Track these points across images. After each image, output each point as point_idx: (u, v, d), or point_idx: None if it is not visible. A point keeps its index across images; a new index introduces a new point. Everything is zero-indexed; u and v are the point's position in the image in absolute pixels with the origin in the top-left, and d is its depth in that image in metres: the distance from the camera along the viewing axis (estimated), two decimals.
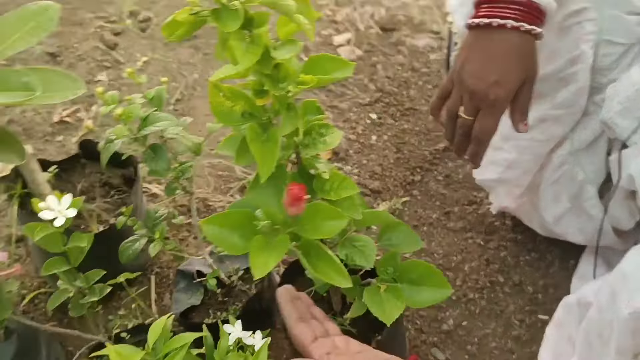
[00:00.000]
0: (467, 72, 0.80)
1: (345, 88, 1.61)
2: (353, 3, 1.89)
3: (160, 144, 0.85)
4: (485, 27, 0.77)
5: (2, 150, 0.74)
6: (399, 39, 1.74)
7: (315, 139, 0.74)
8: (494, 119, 0.80)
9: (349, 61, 0.68)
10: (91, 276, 0.84)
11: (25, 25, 0.74)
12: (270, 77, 0.64)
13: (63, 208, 0.74)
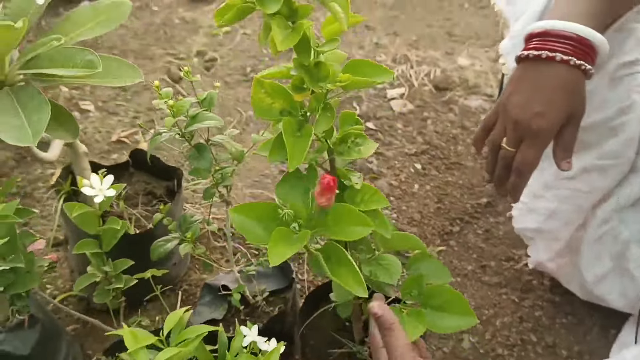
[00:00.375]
0: (512, 102, 0.80)
1: (393, 138, 1.62)
2: (410, 61, 1.94)
3: (205, 144, 0.87)
4: (534, 59, 0.77)
5: (58, 126, 0.79)
6: (451, 98, 1.76)
7: (350, 147, 0.75)
8: (536, 150, 0.79)
9: (389, 69, 0.70)
10: (119, 264, 0.86)
11: (98, 17, 0.81)
12: (310, 73, 0.66)
13: (104, 188, 0.76)
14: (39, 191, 1.59)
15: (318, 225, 0.69)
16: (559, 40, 0.76)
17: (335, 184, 0.64)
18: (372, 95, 1.81)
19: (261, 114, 0.70)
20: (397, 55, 1.99)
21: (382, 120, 1.70)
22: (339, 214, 0.69)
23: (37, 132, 0.66)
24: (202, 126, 0.82)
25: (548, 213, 1.03)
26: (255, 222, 0.69)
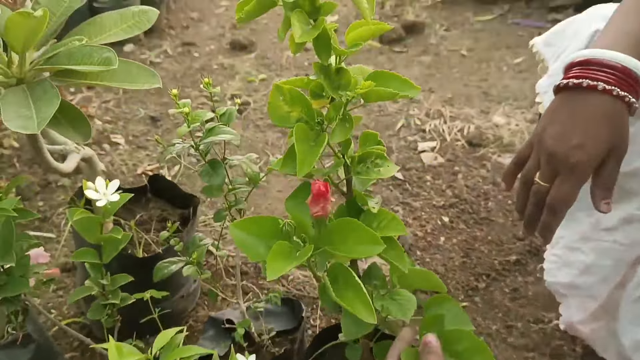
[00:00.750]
0: (548, 133, 0.74)
1: (422, 189, 1.57)
2: (443, 117, 1.91)
3: (219, 161, 0.84)
4: (573, 87, 0.72)
5: (71, 128, 0.77)
6: (484, 155, 1.71)
7: (369, 168, 0.70)
8: (572, 186, 0.73)
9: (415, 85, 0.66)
10: (118, 279, 0.81)
11: (124, 23, 0.80)
12: (331, 79, 0.63)
13: (109, 193, 0.73)
14: (58, 217, 1.58)
15: (324, 243, 0.64)
16: (602, 69, 0.71)
17: (328, 190, 0.59)
18: (402, 146, 1.78)
19: (278, 122, 0.67)
20: (430, 110, 1.96)
21: (411, 171, 1.65)
22: (346, 230, 0.63)
23: (42, 121, 0.64)
24: (218, 139, 0.79)
25: (583, 267, 0.94)
26: (256, 238, 0.65)
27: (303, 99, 0.66)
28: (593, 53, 0.73)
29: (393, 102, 2.05)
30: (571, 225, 0.98)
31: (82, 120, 0.77)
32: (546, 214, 0.76)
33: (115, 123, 2.04)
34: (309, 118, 0.66)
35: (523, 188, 0.80)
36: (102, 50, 0.70)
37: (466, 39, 2.54)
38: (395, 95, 0.64)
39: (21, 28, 0.66)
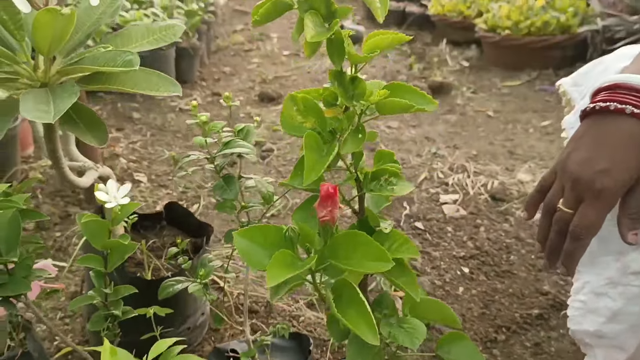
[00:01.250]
0: (572, 159, 0.71)
1: (442, 240, 1.53)
2: (467, 171, 1.89)
3: (233, 176, 0.83)
4: (600, 111, 0.70)
5: (88, 131, 0.77)
6: (507, 209, 1.67)
7: (382, 186, 0.68)
8: (598, 212, 0.69)
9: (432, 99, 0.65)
10: (122, 290, 0.79)
11: (151, 36, 0.81)
12: (345, 88, 0.63)
13: (119, 196, 0.72)
14: (74, 247, 1.57)
15: (329, 256, 0.61)
16: (631, 92, 0.69)
17: (336, 193, 0.57)
18: (424, 198, 1.75)
19: (290, 131, 0.66)
20: (454, 165, 1.95)
21: (431, 222, 1.62)
22: (353, 244, 0.61)
23: (57, 113, 0.64)
24: (233, 151, 0.79)
25: (610, 314, 0.89)
26: (260, 248, 0.62)
27: (317, 109, 0.65)
28: (621, 77, 0.71)
29: (417, 156, 2.04)
30: (597, 270, 0.93)
31: (99, 125, 0.77)
32: (569, 242, 0.72)
33: (139, 162, 2.06)
34: (321, 128, 0.65)
35: (545, 216, 0.77)
36: (125, 54, 0.71)
37: (493, 101, 2.56)
38: (410, 108, 0.62)
39: (49, 27, 0.67)
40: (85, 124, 0.77)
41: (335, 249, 0.61)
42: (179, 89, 0.77)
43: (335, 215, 0.58)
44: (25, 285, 0.72)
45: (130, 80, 0.76)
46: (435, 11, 3.53)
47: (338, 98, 0.63)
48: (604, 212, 0.69)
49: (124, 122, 2.44)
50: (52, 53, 0.73)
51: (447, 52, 3.29)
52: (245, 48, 3.62)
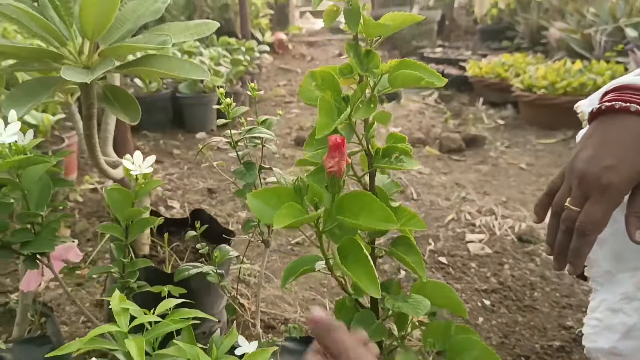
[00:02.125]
0: (580, 158, 0.73)
1: (465, 274, 1.52)
2: (495, 214, 1.88)
3: (254, 163, 0.87)
4: (606, 111, 0.72)
5: (121, 109, 0.83)
6: (534, 251, 1.64)
7: (392, 161, 0.71)
8: (604, 208, 0.70)
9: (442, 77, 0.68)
10: (139, 262, 0.82)
11: (189, 31, 0.88)
12: (361, 60, 0.67)
13: (144, 166, 0.77)
14: (104, 262, 1.62)
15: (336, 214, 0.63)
16: (636, 92, 0.71)
17: (344, 143, 0.59)
18: (449, 236, 1.75)
19: (307, 101, 0.70)
20: (483, 208, 1.94)
21: (455, 257, 1.61)
22: (360, 203, 0.63)
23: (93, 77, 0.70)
24: (255, 135, 0.83)
25: (625, 330, 0.87)
26: (271, 208, 0.65)
27: (334, 81, 0.69)
28: (628, 79, 0.73)
29: (446, 199, 2.05)
30: (613, 288, 0.92)
31: (133, 104, 0.83)
32: (575, 239, 0.73)
33: (174, 191, 2.13)
34: (336, 99, 0.69)
35: (554, 216, 0.78)
36: (160, 36, 0.78)
37: (527, 155, 2.56)
38: (420, 80, 0.66)
39: (94, 7, 0.75)
40: (120, 103, 0.83)
41: (343, 208, 0.63)
42: (207, 75, 0.83)
43: (343, 167, 0.60)
44: (50, 245, 0.76)
45: (164, 65, 0.82)
46: (473, 73, 3.60)
47: (353, 70, 0.67)
48: (610, 207, 0.70)
49: (164, 157, 2.54)
50: (96, 36, 0.80)
51: (483, 111, 3.33)
52: (286, 100, 3.74)
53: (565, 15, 4.35)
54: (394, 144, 0.72)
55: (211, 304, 1.14)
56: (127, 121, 0.82)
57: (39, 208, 0.74)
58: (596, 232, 0.71)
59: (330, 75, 0.69)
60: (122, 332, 0.61)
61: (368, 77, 0.67)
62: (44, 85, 0.76)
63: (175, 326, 0.63)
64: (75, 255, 0.99)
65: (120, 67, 0.84)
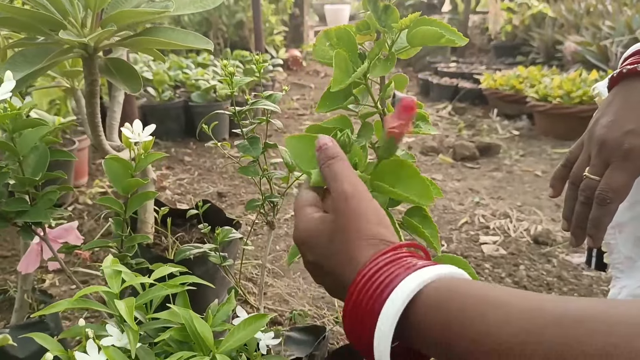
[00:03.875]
0: (600, 124, 0.69)
1: (479, 275, 1.47)
2: (510, 217, 1.83)
3: (258, 137, 0.85)
4: (627, 74, 0.69)
5: (122, 80, 0.81)
6: (550, 252, 1.59)
7: None
8: (625, 175, 0.66)
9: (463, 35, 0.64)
10: (137, 237, 0.80)
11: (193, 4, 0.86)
12: (378, 16, 0.64)
13: (144, 135, 0.75)
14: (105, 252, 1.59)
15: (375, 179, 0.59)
16: None
17: (415, 107, 0.54)
18: (463, 238, 1.70)
19: (321, 59, 0.67)
20: (497, 212, 1.90)
21: (469, 258, 1.56)
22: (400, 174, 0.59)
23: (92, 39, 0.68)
24: (259, 106, 0.81)
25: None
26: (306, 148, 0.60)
27: (349, 38, 0.66)
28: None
29: (459, 204, 2.00)
30: (635, 274, 0.87)
31: (134, 76, 0.81)
32: (595, 208, 0.69)
33: (184, 195, 2.11)
34: (352, 58, 0.66)
35: (572, 188, 0.74)
36: (163, 2, 0.76)
37: (542, 164, 2.51)
38: (440, 37, 0.62)
39: None
40: (121, 75, 0.82)
41: (382, 174, 0.59)
42: (211, 45, 0.81)
43: (404, 132, 0.55)
44: (45, 215, 0.74)
45: (168, 35, 0.80)
46: (487, 85, 3.57)
47: (370, 26, 0.65)
48: (633, 174, 0.66)
49: (175, 164, 2.53)
50: (99, 5, 0.79)
51: (497, 122, 3.30)
52: (299, 112, 3.74)
53: (580, 30, 4.32)
54: None
55: (215, 294, 1.11)
56: (128, 91, 0.80)
57: (37, 173, 0.72)
58: (618, 200, 0.68)
59: (346, 32, 0.66)
60: (113, 293, 0.58)
61: (386, 34, 0.64)
62: (43, 52, 0.75)
63: (169, 290, 0.60)
64: (76, 237, 0.96)
65: (124, 40, 0.83)
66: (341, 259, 0.45)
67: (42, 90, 2.05)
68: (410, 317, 0.40)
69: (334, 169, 0.49)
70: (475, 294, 0.39)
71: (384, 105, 0.68)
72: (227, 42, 5.43)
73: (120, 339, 0.55)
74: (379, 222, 0.46)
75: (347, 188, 0.47)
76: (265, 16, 5.32)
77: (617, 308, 0.33)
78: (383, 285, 0.41)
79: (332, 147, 0.51)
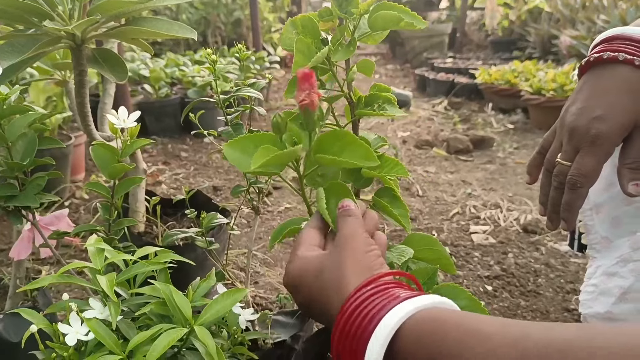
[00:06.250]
0: (569, 112, 0.72)
1: (468, 263, 1.49)
2: (501, 207, 1.86)
3: (242, 123, 0.87)
4: (594, 62, 0.71)
5: (108, 68, 0.83)
6: (539, 241, 1.62)
7: (374, 109, 0.70)
8: (594, 159, 0.68)
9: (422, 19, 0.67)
10: (124, 222, 0.82)
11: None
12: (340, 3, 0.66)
13: (129, 121, 0.77)
14: None
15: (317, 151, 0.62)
16: (625, 42, 0.70)
17: (313, 75, 0.57)
18: (453, 228, 1.72)
19: (288, 47, 0.70)
20: (489, 202, 1.92)
21: (459, 247, 1.58)
22: (339, 142, 0.62)
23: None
24: (242, 94, 0.83)
25: (620, 293, 0.84)
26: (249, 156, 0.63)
27: (314, 27, 0.69)
28: (618, 30, 0.72)
29: (451, 195, 2.02)
30: (611, 253, 0.90)
31: (120, 65, 0.84)
32: (567, 192, 0.71)
33: (179, 189, 2.14)
34: (316, 44, 0.68)
35: (545, 174, 0.76)
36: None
37: None
38: (399, 20, 0.65)
39: None
40: (108, 65, 0.84)
41: (323, 148, 0.62)
42: (194, 34, 0.83)
43: (315, 100, 0.58)
44: (34, 200, 0.76)
45: (154, 25, 0.83)
46: (482, 79, 3.59)
47: (332, 13, 0.67)
48: (601, 158, 0.68)
49: (172, 160, 2.55)
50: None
51: (492, 116, 3.32)
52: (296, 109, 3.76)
53: (576, 24, 4.34)
54: (378, 93, 0.71)
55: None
56: (114, 80, 0.83)
57: (26, 157, 0.74)
58: (588, 184, 0.70)
59: (310, 20, 0.68)
60: (96, 269, 0.61)
61: (347, 20, 0.66)
62: (31, 42, 0.77)
63: (150, 267, 0.63)
64: (67, 225, 0.99)
65: (110, 30, 0.85)
66: (328, 292, 0.49)
67: (39, 87, 2.07)
68: (394, 350, 0.42)
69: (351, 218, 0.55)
70: (458, 326, 0.40)
71: (351, 88, 0.70)
72: (225, 40, 5.46)
73: (102, 312, 0.58)
74: (367, 253, 0.51)
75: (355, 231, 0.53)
76: (263, 14, 5.34)
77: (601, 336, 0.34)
78: (368, 318, 0.44)
79: (355, 209, 0.57)
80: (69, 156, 2.06)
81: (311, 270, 0.52)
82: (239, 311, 0.67)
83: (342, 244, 0.52)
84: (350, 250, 0.51)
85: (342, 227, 0.54)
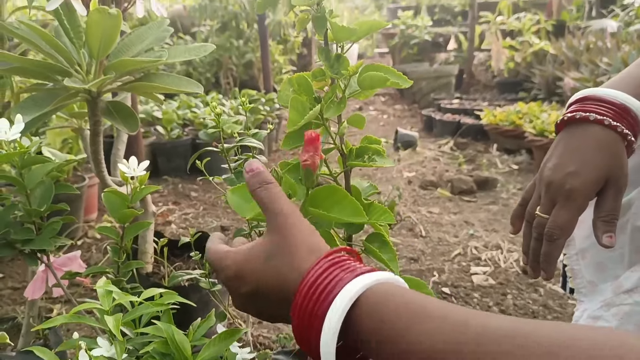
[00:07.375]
0: (546, 167, 0.77)
1: (467, 304, 1.52)
2: (502, 249, 1.89)
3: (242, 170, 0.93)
4: (568, 121, 0.76)
5: (121, 120, 0.90)
6: (538, 282, 1.64)
7: (365, 160, 0.76)
8: (569, 213, 0.73)
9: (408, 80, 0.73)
10: (133, 264, 0.87)
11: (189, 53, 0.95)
12: (332, 65, 0.72)
13: (139, 170, 0.83)
14: None
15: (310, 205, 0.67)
16: (596, 103, 0.76)
17: (318, 139, 0.63)
18: (454, 269, 1.76)
19: (285, 104, 0.76)
20: (490, 243, 1.95)
21: (459, 288, 1.62)
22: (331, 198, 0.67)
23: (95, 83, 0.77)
24: (245, 143, 0.89)
25: None
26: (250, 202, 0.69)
27: (309, 86, 0.75)
28: (592, 91, 0.78)
29: (454, 236, 2.06)
30: (596, 297, 0.93)
31: (132, 117, 0.90)
32: (545, 244, 0.76)
33: (188, 229, 2.19)
34: (310, 101, 0.74)
35: (527, 226, 0.81)
36: (158, 52, 0.86)
37: None
38: (385, 80, 0.71)
39: (99, 25, 0.83)
40: (121, 116, 0.91)
41: (316, 202, 0.67)
42: (201, 89, 0.90)
43: (317, 162, 0.63)
44: (49, 243, 0.82)
45: (164, 80, 0.90)
46: (487, 120, 3.65)
47: (324, 73, 0.73)
48: (575, 212, 0.73)
49: (181, 199, 2.62)
50: (102, 54, 0.88)
51: (497, 156, 3.37)
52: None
53: (580, 66, 4.41)
54: (368, 144, 0.76)
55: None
56: (126, 132, 0.89)
57: (43, 203, 0.80)
58: (564, 236, 0.74)
59: (304, 79, 0.75)
60: (104, 310, 0.66)
61: (338, 80, 0.73)
62: (51, 96, 0.84)
63: (155, 308, 0.68)
64: (79, 266, 1.04)
65: (125, 84, 0.92)
66: (283, 272, 0.50)
67: (56, 130, 2.16)
68: (351, 319, 0.45)
69: (272, 191, 0.55)
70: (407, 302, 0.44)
71: (342, 142, 0.76)
72: (237, 81, 5.59)
73: (109, 351, 0.63)
74: (313, 233, 0.53)
75: (286, 207, 0.54)
76: (274, 56, 5.48)
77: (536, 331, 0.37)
78: (328, 289, 0.46)
79: (265, 173, 0.57)
80: (83, 197, 2.14)
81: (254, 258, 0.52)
82: (236, 350, 0.71)
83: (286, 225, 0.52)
84: (297, 231, 0.52)
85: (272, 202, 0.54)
